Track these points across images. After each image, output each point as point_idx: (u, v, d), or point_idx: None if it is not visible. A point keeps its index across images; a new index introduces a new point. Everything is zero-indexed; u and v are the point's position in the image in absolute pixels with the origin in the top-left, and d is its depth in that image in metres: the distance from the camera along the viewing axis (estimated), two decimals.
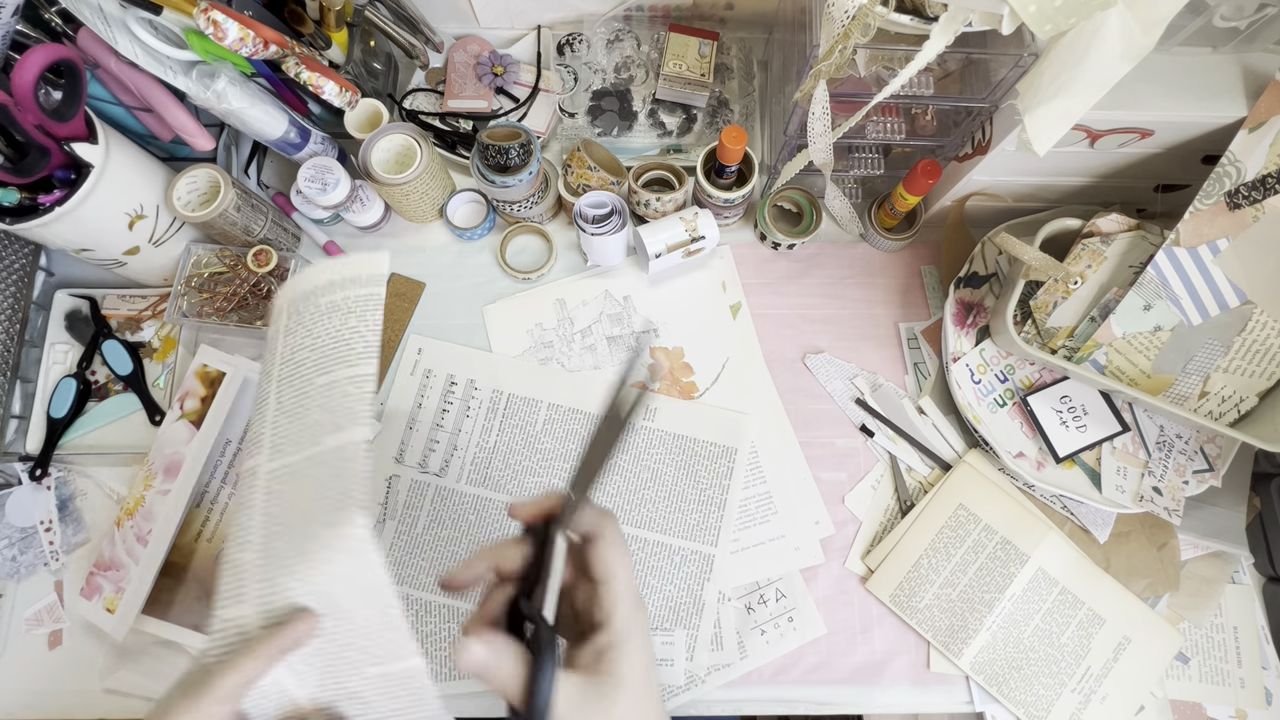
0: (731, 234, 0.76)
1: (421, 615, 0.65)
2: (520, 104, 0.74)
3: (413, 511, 0.67)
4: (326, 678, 0.34)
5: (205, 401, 0.66)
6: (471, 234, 0.73)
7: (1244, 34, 0.51)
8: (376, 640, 0.33)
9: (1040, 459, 0.65)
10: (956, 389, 0.65)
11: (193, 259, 0.67)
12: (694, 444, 0.69)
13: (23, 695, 0.63)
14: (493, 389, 0.70)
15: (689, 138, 0.74)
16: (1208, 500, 0.65)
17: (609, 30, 0.75)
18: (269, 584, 0.33)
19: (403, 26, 0.71)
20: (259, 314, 0.66)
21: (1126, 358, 0.60)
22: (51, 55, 0.51)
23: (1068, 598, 0.64)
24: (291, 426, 0.37)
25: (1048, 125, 0.46)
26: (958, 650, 0.63)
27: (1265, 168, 0.52)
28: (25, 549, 0.65)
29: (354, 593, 0.33)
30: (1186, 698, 0.64)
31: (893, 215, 0.70)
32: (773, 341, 0.72)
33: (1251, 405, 0.58)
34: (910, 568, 0.65)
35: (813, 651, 0.64)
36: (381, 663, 0.34)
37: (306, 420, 0.37)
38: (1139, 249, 0.61)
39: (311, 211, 0.72)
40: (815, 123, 0.54)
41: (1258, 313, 0.56)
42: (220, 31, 0.49)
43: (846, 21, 0.45)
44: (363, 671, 0.34)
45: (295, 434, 0.37)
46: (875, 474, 0.69)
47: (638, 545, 0.66)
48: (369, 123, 0.69)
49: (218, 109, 0.59)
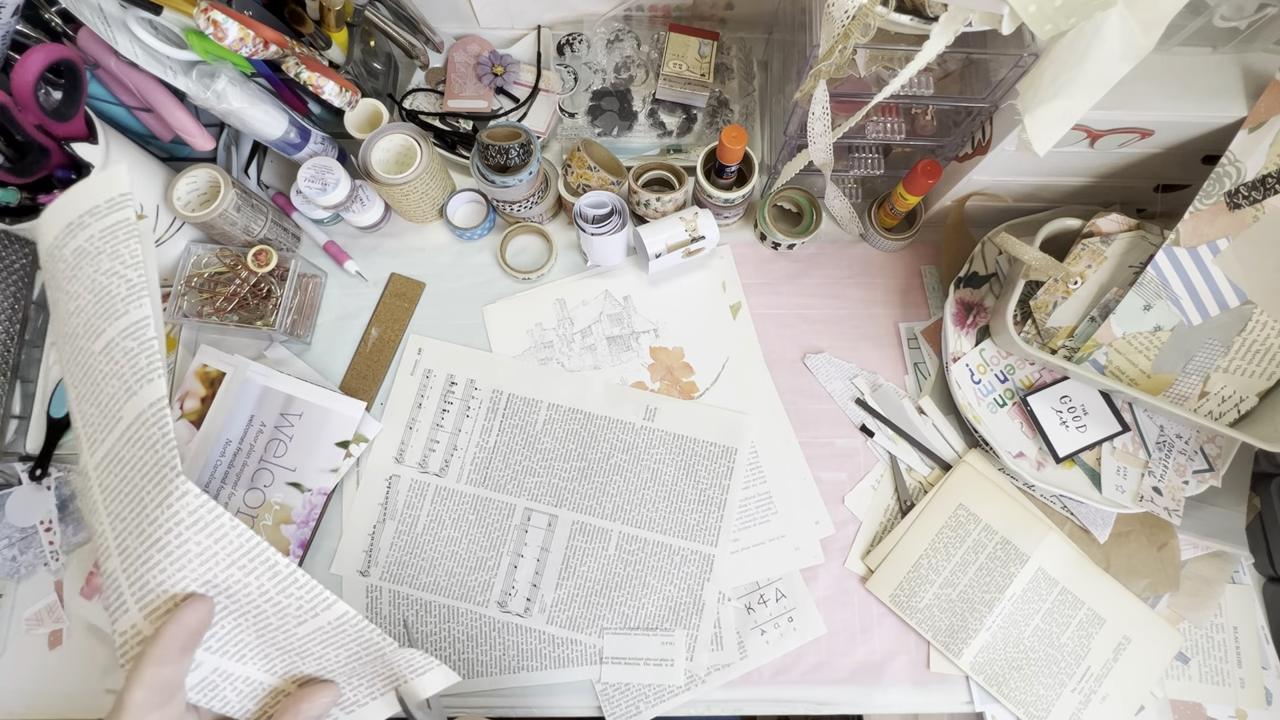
0: (731, 234, 0.76)
1: (421, 615, 0.65)
2: (520, 104, 0.74)
3: (413, 511, 0.67)
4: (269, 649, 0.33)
5: (205, 401, 0.66)
6: (471, 234, 0.73)
7: (1244, 34, 0.51)
8: (284, 600, 0.32)
9: (1040, 459, 0.65)
10: (956, 389, 0.65)
11: (193, 259, 0.67)
12: (694, 444, 0.69)
13: (23, 695, 0.63)
14: (493, 389, 0.70)
15: (689, 138, 0.74)
16: (1208, 500, 0.65)
17: (609, 30, 0.75)
18: (140, 585, 0.31)
19: (403, 26, 0.71)
20: (259, 314, 0.66)
21: (1126, 358, 0.60)
22: (51, 55, 0.51)
23: (1068, 598, 0.64)
24: (93, 410, 0.33)
25: (1048, 125, 0.46)
26: (958, 650, 0.63)
27: (1265, 168, 0.52)
28: (25, 549, 0.65)
29: (227, 562, 0.30)
30: (1186, 698, 0.64)
31: (893, 215, 0.70)
32: (773, 341, 0.72)
33: (1251, 405, 0.58)
34: (910, 568, 0.65)
35: (813, 651, 0.64)
36: (305, 619, 0.32)
37: (101, 396, 0.33)
38: (1139, 249, 0.61)
39: (311, 211, 0.72)
40: (815, 123, 0.54)
41: (1258, 313, 0.56)
42: (220, 31, 0.49)
43: (846, 21, 0.45)
44: (294, 632, 0.33)
45: (99, 416, 0.33)
46: (875, 474, 0.69)
47: (638, 545, 0.66)
48: (369, 123, 0.69)
49: (218, 109, 0.58)
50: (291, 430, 0.66)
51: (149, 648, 0.30)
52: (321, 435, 0.66)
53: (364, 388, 0.70)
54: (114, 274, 0.32)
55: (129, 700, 0.29)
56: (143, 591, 0.31)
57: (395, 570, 0.66)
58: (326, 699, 0.35)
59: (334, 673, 0.35)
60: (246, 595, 0.31)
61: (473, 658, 0.64)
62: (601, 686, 0.63)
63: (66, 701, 0.63)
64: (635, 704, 0.62)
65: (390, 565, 0.66)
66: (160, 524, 0.30)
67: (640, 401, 0.70)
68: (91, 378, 0.33)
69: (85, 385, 0.33)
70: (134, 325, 0.32)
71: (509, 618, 0.65)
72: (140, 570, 0.30)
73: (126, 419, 0.32)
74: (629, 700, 0.62)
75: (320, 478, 0.66)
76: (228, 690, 0.33)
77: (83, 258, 0.33)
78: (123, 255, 0.33)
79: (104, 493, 0.32)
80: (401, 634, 0.65)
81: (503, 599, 0.65)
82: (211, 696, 0.33)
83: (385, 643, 0.35)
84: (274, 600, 0.32)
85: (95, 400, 0.33)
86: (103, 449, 0.32)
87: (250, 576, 0.31)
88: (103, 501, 0.32)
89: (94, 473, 0.33)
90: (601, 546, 0.66)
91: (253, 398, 0.66)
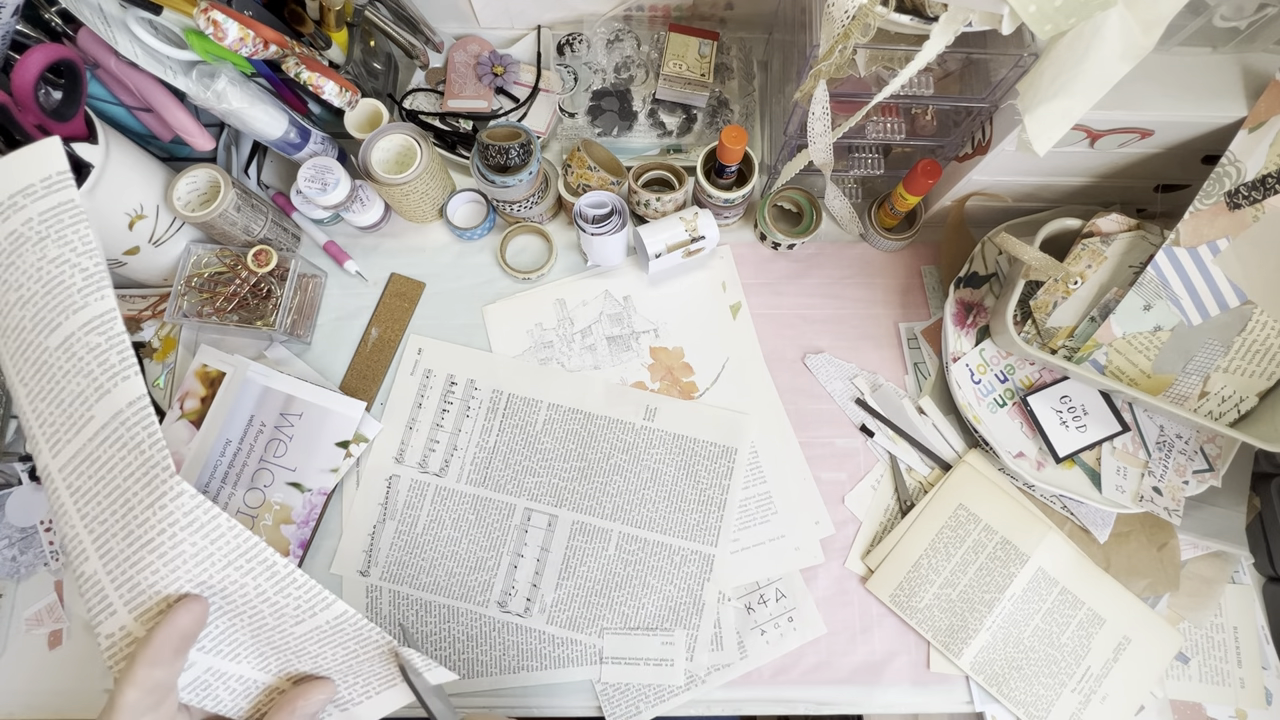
0: (731, 234, 0.76)
1: (421, 615, 0.65)
2: (520, 104, 0.74)
3: (413, 511, 0.67)
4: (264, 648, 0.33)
5: (205, 401, 0.66)
6: (471, 234, 0.73)
7: (1244, 34, 0.51)
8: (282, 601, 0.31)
9: (1040, 459, 0.65)
10: (956, 389, 0.65)
11: (193, 259, 0.67)
12: (694, 444, 0.69)
13: (23, 695, 0.63)
14: (493, 389, 0.70)
15: (689, 138, 0.74)
16: (1208, 500, 0.65)
17: (609, 30, 0.75)
18: (128, 586, 0.30)
19: (403, 26, 0.71)
20: (259, 314, 0.66)
21: (1126, 358, 0.60)
22: (51, 55, 0.51)
23: (1068, 598, 0.64)
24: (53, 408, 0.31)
25: (1048, 125, 0.46)
26: (958, 650, 0.63)
27: (1265, 168, 0.52)
28: (25, 549, 0.65)
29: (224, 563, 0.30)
30: (1186, 698, 0.64)
31: (893, 215, 0.70)
32: (773, 341, 0.72)
33: (1251, 405, 0.58)
34: (910, 568, 0.65)
35: (813, 651, 0.64)
36: (303, 618, 0.32)
37: (64, 395, 0.31)
38: (1139, 249, 0.61)
39: (311, 211, 0.72)
40: (815, 123, 0.54)
41: (1258, 313, 0.56)
42: (220, 31, 0.49)
43: (846, 21, 0.45)
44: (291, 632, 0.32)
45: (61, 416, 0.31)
46: (875, 474, 0.69)
47: (638, 545, 0.66)
48: (369, 123, 0.69)
49: (218, 109, 0.58)
50: (291, 430, 0.66)
51: (142, 648, 0.29)
52: (321, 435, 0.66)
53: (364, 388, 0.70)
54: (65, 262, 0.30)
55: (121, 701, 0.29)
56: (132, 593, 0.30)
57: (395, 570, 0.66)
58: (322, 695, 0.35)
59: (330, 670, 0.35)
60: (243, 596, 0.31)
61: (473, 658, 0.64)
62: (601, 686, 0.63)
63: (66, 701, 0.63)
64: (635, 704, 0.62)
65: (390, 565, 0.66)
66: (151, 525, 0.29)
67: (640, 401, 0.70)
68: (48, 374, 0.31)
69: (40, 383, 0.31)
70: (98, 319, 0.30)
71: (509, 618, 0.65)
72: (129, 572, 0.30)
73: (100, 418, 0.30)
74: (629, 700, 0.62)
75: (320, 478, 0.66)
76: (221, 690, 0.33)
77: (21, 244, 0.30)
78: (73, 242, 0.30)
79: (74, 495, 0.31)
80: (399, 635, 0.65)
81: (503, 599, 0.65)
82: (204, 696, 0.32)
83: (385, 640, 0.34)
84: (271, 601, 0.31)
85: (55, 399, 0.31)
86: (69, 450, 0.31)
87: (247, 577, 0.31)
88: (74, 504, 0.31)
89: (59, 475, 0.31)
90: (601, 546, 0.66)
91: (253, 398, 0.66)
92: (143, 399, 0.30)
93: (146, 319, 0.71)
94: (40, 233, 0.31)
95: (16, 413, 0.33)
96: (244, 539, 0.30)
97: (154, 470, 0.29)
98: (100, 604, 0.31)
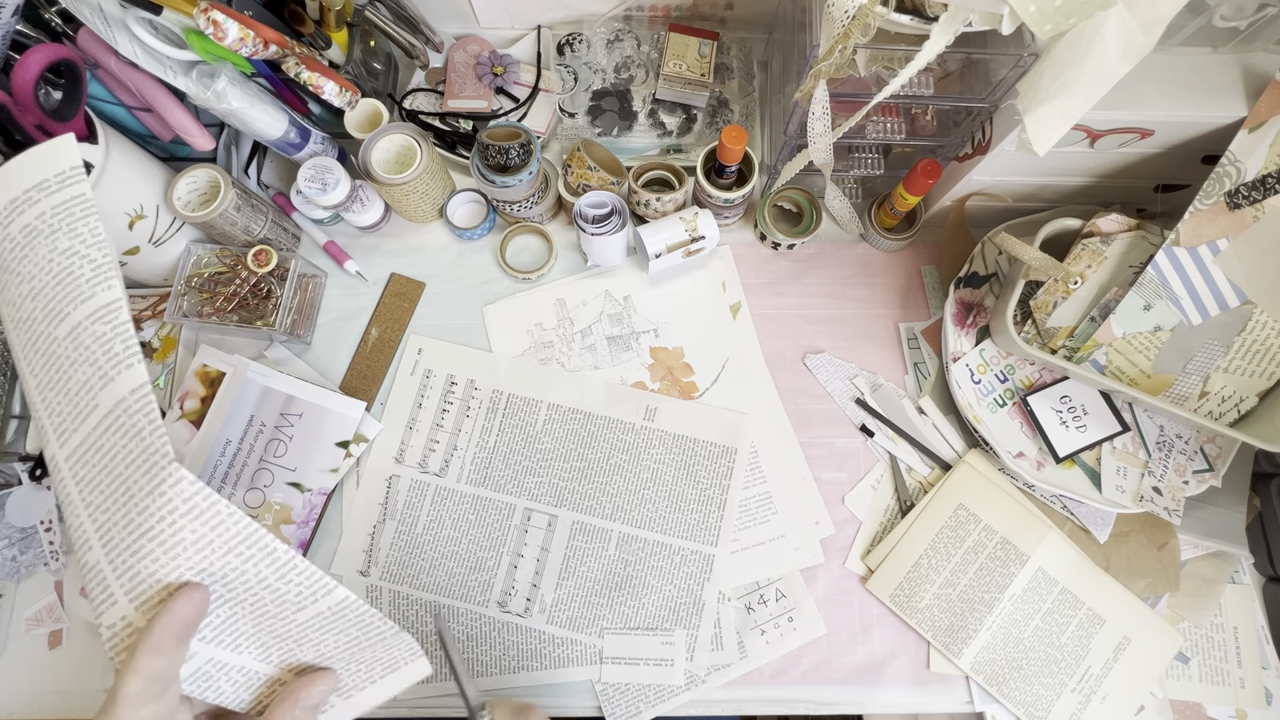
0: (731, 234, 0.76)
1: (421, 615, 0.65)
2: (520, 104, 0.74)
3: (413, 511, 0.67)
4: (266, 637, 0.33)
5: (205, 401, 0.66)
6: (471, 234, 0.73)
7: (1244, 34, 0.51)
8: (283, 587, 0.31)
9: (1040, 459, 0.65)
10: (956, 389, 0.65)
11: (193, 259, 0.67)
12: (694, 444, 0.69)
13: (23, 695, 0.63)
14: (493, 389, 0.70)
15: (689, 138, 0.74)
16: (1208, 500, 0.65)
17: (609, 30, 0.75)
18: (129, 575, 0.30)
19: (403, 26, 0.71)
20: (259, 314, 0.66)
21: (1126, 358, 0.60)
22: (51, 55, 0.51)
23: (1068, 598, 0.64)
24: (60, 398, 0.32)
25: (1048, 125, 0.46)
26: (958, 650, 0.63)
27: (1265, 168, 0.52)
28: (25, 549, 0.65)
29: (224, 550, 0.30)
30: (1186, 698, 0.64)
31: (893, 215, 0.70)
32: (773, 341, 0.72)
33: (1251, 405, 0.58)
34: (910, 568, 0.65)
35: (813, 651, 0.64)
36: (305, 605, 0.32)
37: (71, 384, 0.31)
38: (1139, 249, 0.61)
39: (311, 211, 0.72)
40: (815, 123, 0.54)
41: (1258, 313, 0.56)
42: (220, 31, 0.49)
43: (846, 21, 0.45)
44: (292, 619, 0.32)
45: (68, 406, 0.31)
46: (875, 474, 0.69)
47: (638, 545, 0.66)
48: (369, 123, 0.69)
49: (218, 109, 0.58)
50: (291, 430, 0.66)
51: (143, 638, 0.29)
52: (321, 435, 0.66)
53: (364, 388, 0.70)
54: (75, 254, 0.31)
55: (123, 691, 0.29)
56: (133, 582, 0.30)
57: (395, 570, 0.66)
58: (324, 687, 0.34)
59: (332, 659, 0.35)
60: (244, 583, 0.31)
61: (473, 658, 0.64)
62: (601, 686, 0.63)
63: (66, 701, 0.63)
64: (635, 704, 0.62)
65: (390, 565, 0.66)
66: (152, 512, 0.29)
67: (640, 401, 0.70)
68: (56, 365, 0.31)
69: (49, 373, 0.32)
70: (104, 309, 0.31)
71: (509, 618, 0.65)
72: (130, 560, 0.30)
73: (104, 406, 0.30)
74: (629, 700, 0.63)
75: (320, 478, 0.66)
76: (223, 681, 0.33)
77: (34, 237, 0.31)
78: (83, 234, 0.31)
79: (79, 484, 0.31)
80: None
81: (503, 599, 0.65)
82: (206, 687, 0.32)
83: (386, 626, 0.34)
84: (272, 587, 0.31)
85: (62, 389, 0.31)
86: (75, 439, 0.31)
87: (248, 564, 0.30)
88: (79, 493, 0.31)
89: (65, 464, 0.31)
90: (601, 546, 0.66)
91: (253, 398, 0.66)
92: (145, 386, 0.30)
93: (146, 319, 0.71)
94: (53, 225, 0.31)
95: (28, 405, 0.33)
96: (244, 525, 0.30)
97: (153, 456, 0.29)
98: (103, 594, 0.30)
